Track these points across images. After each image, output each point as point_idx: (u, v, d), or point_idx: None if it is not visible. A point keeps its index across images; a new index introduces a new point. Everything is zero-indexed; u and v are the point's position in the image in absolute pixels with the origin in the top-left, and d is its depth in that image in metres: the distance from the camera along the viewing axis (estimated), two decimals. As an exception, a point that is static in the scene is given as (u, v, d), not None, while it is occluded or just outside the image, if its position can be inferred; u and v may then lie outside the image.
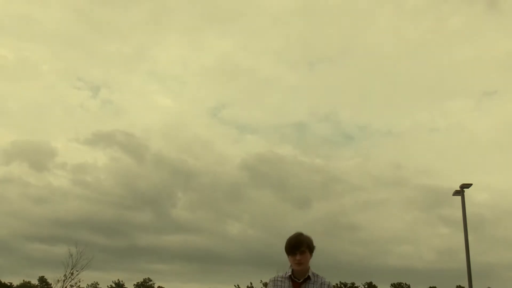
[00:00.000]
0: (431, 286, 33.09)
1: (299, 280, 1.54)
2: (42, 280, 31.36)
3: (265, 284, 2.13)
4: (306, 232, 1.61)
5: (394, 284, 34.02)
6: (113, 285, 33.78)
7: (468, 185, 8.52)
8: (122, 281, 34.12)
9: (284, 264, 1.64)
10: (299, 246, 1.55)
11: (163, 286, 35.27)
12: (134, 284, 34.87)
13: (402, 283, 33.93)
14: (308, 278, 1.54)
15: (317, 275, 1.57)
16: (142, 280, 34.85)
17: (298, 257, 1.54)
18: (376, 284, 33.33)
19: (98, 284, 32.83)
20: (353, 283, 33.68)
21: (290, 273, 1.56)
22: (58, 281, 14.81)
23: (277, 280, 1.58)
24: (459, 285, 31.52)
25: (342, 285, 33.32)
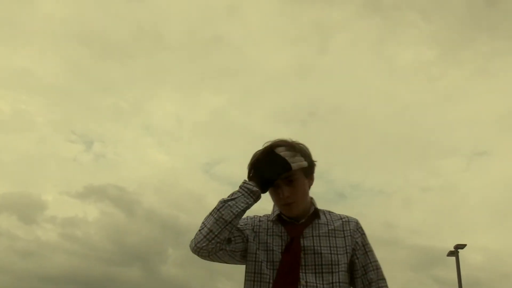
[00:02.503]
0: None
1: (297, 221, 0.88)
2: (22, 338, 29.94)
3: None
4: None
5: None
6: None
7: (462, 246, 8.45)
8: None
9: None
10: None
11: None
12: None
13: None
14: (314, 215, 0.89)
15: (329, 212, 0.92)
16: None
17: (285, 191, 0.84)
18: None
19: None
20: None
21: (277, 213, 0.90)
22: None
23: (259, 221, 0.91)
24: None
25: None
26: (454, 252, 8.58)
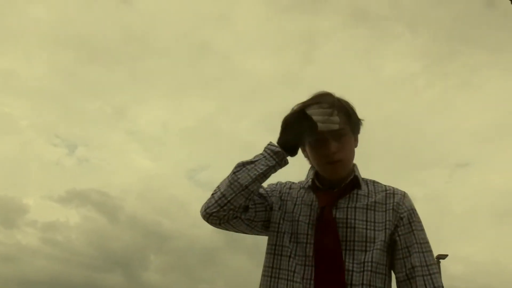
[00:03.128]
0: None
1: (332, 189, 0.76)
2: None
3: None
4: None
5: None
6: None
7: (444, 256, 8.51)
8: None
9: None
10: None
11: None
12: None
13: None
14: (354, 184, 0.77)
15: (374, 182, 0.79)
16: None
17: (332, 146, 0.73)
18: None
19: None
20: None
21: (311, 177, 0.79)
22: None
23: (290, 188, 0.81)
24: None
25: None
26: (436, 262, 8.63)
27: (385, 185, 0.78)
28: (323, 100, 0.74)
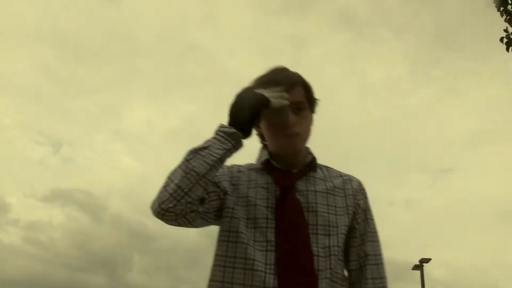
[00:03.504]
0: None
1: (290, 170, 0.72)
2: None
3: None
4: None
5: None
6: None
7: (427, 260, 8.59)
8: None
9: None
10: (292, 85, 0.70)
11: None
12: None
13: None
14: (311, 167, 0.73)
15: (327, 167, 0.76)
16: None
17: (291, 118, 0.69)
18: None
19: None
20: None
21: (264, 159, 0.73)
22: None
23: (238, 171, 0.74)
24: None
25: None
26: (419, 266, 8.70)
27: (339, 171, 0.76)
28: (278, 75, 0.71)
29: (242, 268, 0.64)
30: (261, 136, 0.75)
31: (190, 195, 0.62)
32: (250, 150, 0.75)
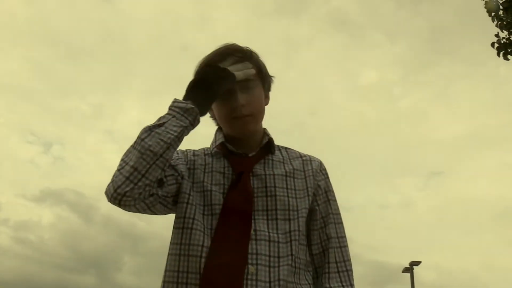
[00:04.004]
0: None
1: (246, 154, 0.68)
2: None
3: None
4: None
5: None
6: None
7: (417, 263, 8.62)
8: None
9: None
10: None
11: None
12: None
13: None
14: (267, 149, 0.70)
15: (286, 148, 0.73)
16: None
17: (241, 98, 0.65)
18: None
19: None
20: None
21: (220, 142, 0.69)
22: None
23: (194, 155, 0.70)
24: None
25: None
26: (409, 269, 8.73)
27: (298, 151, 0.73)
28: (228, 50, 0.67)
29: (197, 256, 0.60)
30: (214, 118, 0.71)
31: (148, 177, 0.58)
32: (204, 134, 0.74)
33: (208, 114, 0.70)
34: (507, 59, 3.24)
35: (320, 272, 0.66)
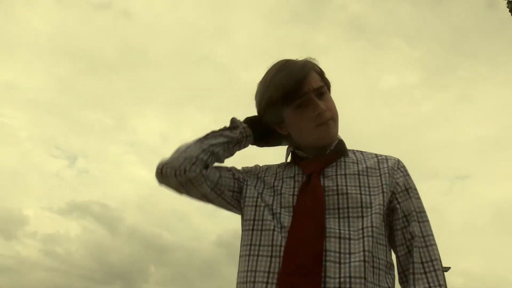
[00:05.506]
0: None
1: (318, 157, 0.68)
2: None
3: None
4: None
5: None
6: None
7: (447, 269, 8.45)
8: None
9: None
10: (308, 78, 0.66)
11: None
12: None
13: None
14: (340, 152, 0.69)
15: (361, 151, 0.72)
16: None
17: (321, 103, 0.65)
18: None
19: None
20: None
21: (291, 149, 0.71)
22: None
23: (267, 168, 0.72)
24: None
25: None
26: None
27: (374, 153, 0.70)
28: (291, 67, 0.67)
29: (268, 256, 0.61)
30: (285, 136, 0.71)
31: (203, 160, 0.65)
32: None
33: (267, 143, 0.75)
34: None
35: (407, 274, 0.62)
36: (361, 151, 0.71)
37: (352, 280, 0.56)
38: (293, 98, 0.65)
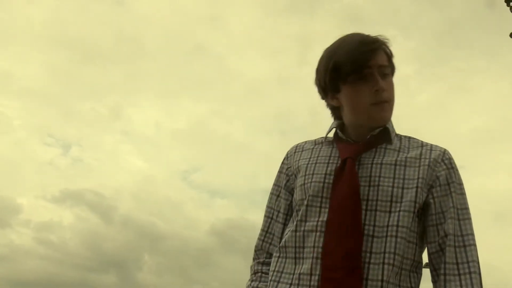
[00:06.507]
0: None
1: (357, 141, 0.64)
2: None
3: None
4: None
5: None
6: None
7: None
8: None
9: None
10: (378, 55, 0.61)
11: None
12: None
13: None
14: (384, 137, 0.63)
15: (410, 138, 0.66)
16: None
17: (381, 82, 0.61)
18: None
19: None
20: None
21: (333, 127, 0.66)
22: None
23: (295, 152, 0.69)
24: None
25: None
26: (429, 265, 8.63)
27: (422, 141, 0.64)
28: (363, 37, 0.62)
29: (292, 258, 0.60)
30: (335, 108, 0.66)
31: None
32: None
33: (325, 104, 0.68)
34: (527, 50, 3.17)
35: (439, 274, 0.58)
36: (409, 137, 0.65)
37: (368, 282, 0.54)
38: (357, 68, 0.60)
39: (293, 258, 0.60)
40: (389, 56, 0.63)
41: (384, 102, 0.61)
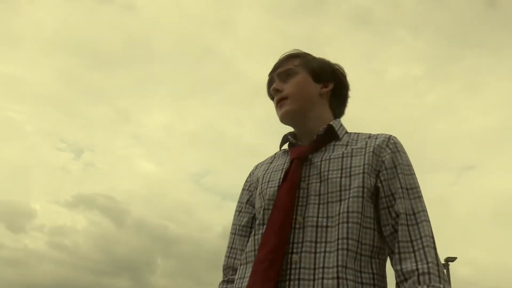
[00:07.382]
0: None
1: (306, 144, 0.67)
2: None
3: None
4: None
5: None
6: None
7: (453, 259, 8.44)
8: None
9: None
10: (281, 63, 0.70)
11: None
12: None
13: None
14: (330, 136, 0.66)
15: (359, 133, 0.68)
16: None
17: (276, 84, 0.68)
18: None
19: None
20: None
21: (284, 136, 0.70)
22: None
23: (256, 168, 0.73)
24: None
25: None
26: (445, 265, 8.59)
27: (370, 134, 0.66)
28: (284, 56, 0.71)
29: (251, 261, 0.61)
30: None
31: None
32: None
33: None
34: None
35: (394, 255, 0.58)
36: (358, 133, 0.68)
37: (325, 270, 0.55)
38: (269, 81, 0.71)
39: (252, 262, 0.60)
40: (303, 58, 0.70)
41: (280, 99, 0.67)
